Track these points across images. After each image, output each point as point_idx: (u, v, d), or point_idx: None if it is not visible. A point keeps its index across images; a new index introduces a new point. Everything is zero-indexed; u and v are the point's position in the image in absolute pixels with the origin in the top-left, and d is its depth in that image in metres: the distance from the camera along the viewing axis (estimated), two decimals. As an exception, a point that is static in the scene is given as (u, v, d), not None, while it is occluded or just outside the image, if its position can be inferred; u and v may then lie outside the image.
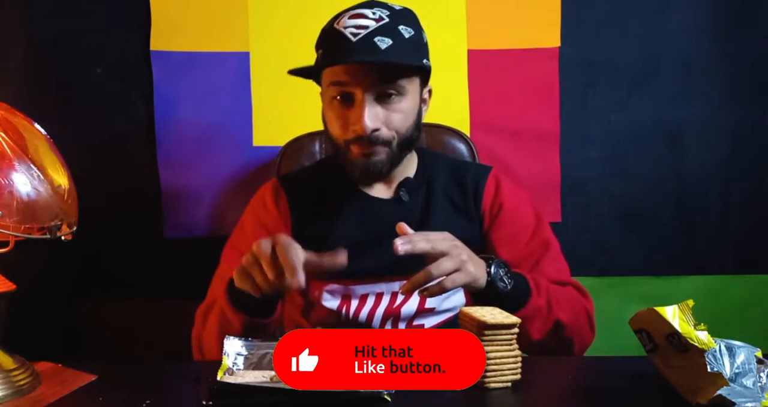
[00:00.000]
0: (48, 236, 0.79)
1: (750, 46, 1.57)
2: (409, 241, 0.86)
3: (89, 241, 1.18)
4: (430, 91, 1.12)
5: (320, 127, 1.42)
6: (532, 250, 1.10)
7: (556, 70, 1.57)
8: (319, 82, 1.10)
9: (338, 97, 1.04)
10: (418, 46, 1.05)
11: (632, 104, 1.59)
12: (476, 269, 0.90)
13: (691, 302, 0.73)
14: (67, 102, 1.57)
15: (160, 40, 1.56)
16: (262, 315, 0.94)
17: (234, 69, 1.57)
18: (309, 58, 1.56)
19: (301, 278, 0.79)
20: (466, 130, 1.56)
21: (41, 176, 0.78)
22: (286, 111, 1.58)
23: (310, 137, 1.42)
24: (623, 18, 1.57)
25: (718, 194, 1.60)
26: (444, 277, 0.86)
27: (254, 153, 1.58)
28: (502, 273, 0.94)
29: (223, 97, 1.58)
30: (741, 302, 1.60)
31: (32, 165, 0.78)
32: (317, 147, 1.41)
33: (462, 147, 1.39)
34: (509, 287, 0.94)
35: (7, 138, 0.77)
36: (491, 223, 1.13)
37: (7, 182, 0.75)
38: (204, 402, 0.69)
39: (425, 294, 0.86)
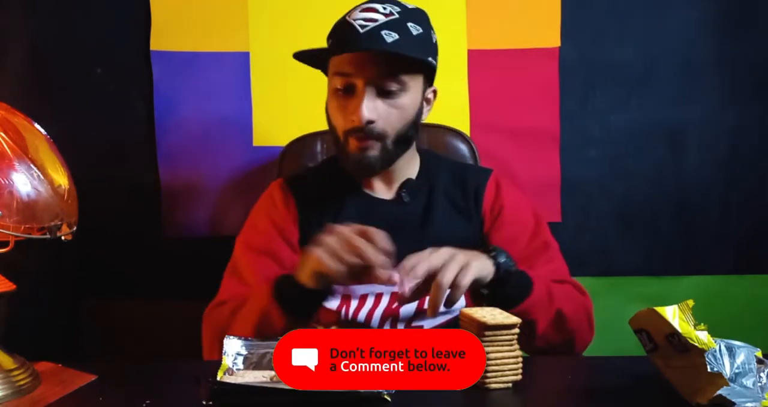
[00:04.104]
0: (48, 236, 0.79)
1: (750, 46, 1.57)
2: (409, 271, 0.86)
3: (89, 241, 1.18)
4: (434, 92, 1.13)
5: (321, 127, 1.43)
6: (531, 252, 1.10)
7: (556, 70, 1.57)
8: (326, 72, 1.10)
9: (341, 88, 1.04)
10: (426, 44, 1.06)
11: (632, 104, 1.59)
12: (480, 262, 0.91)
13: (691, 303, 0.73)
14: (67, 102, 1.58)
15: (160, 40, 1.56)
16: (307, 316, 0.97)
17: (234, 69, 1.57)
18: (309, 58, 1.56)
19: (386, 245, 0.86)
20: (466, 130, 1.56)
21: (41, 176, 0.78)
22: (286, 111, 1.58)
23: (312, 137, 1.42)
24: (623, 18, 1.57)
25: (718, 194, 1.60)
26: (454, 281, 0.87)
27: (254, 153, 1.58)
28: (506, 256, 0.95)
29: (223, 97, 1.58)
30: (741, 302, 1.60)
31: (32, 165, 0.78)
32: (319, 148, 1.40)
33: (464, 148, 1.39)
34: (515, 268, 0.95)
35: (7, 138, 0.77)
36: (491, 225, 1.13)
37: (7, 182, 0.75)
38: (204, 402, 0.69)
39: (448, 306, 0.88)
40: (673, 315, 0.69)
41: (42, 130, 0.84)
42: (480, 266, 0.90)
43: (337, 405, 0.71)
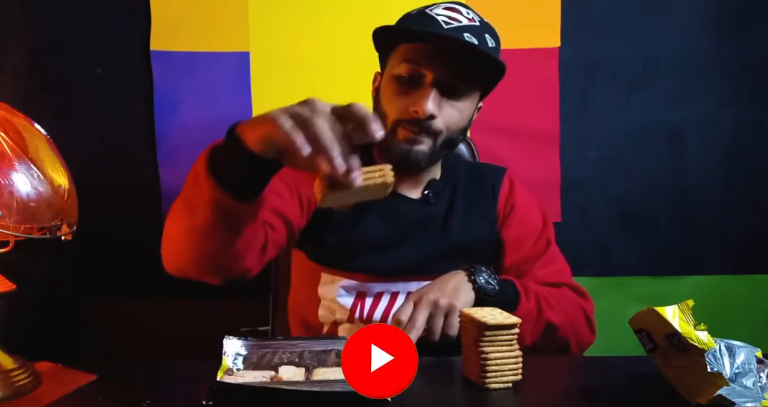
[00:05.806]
0: (48, 236, 0.79)
1: (750, 46, 1.58)
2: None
3: (89, 241, 1.18)
4: (480, 109, 1.12)
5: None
6: (534, 253, 1.11)
7: (556, 70, 1.57)
8: (386, 56, 1.08)
9: (405, 76, 1.01)
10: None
11: (632, 104, 1.59)
12: (463, 296, 0.92)
13: (691, 303, 0.73)
14: (67, 102, 1.57)
15: (160, 40, 1.56)
16: (245, 196, 0.77)
17: (234, 69, 1.57)
18: (310, 57, 1.57)
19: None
20: (466, 130, 1.56)
21: (41, 176, 0.78)
22: (286, 111, 1.58)
23: None
24: (623, 18, 1.57)
25: (717, 194, 1.60)
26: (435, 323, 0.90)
27: (254, 153, 1.58)
28: (486, 277, 0.95)
29: (223, 97, 1.58)
30: (741, 302, 1.60)
31: (32, 165, 0.78)
32: None
33: (462, 148, 1.39)
34: (497, 288, 0.95)
35: (7, 138, 0.77)
36: (503, 222, 1.14)
37: (7, 182, 0.75)
38: (204, 402, 0.69)
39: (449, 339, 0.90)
40: (673, 315, 0.69)
41: (42, 130, 0.84)
42: (463, 301, 0.92)
43: (337, 405, 0.71)
